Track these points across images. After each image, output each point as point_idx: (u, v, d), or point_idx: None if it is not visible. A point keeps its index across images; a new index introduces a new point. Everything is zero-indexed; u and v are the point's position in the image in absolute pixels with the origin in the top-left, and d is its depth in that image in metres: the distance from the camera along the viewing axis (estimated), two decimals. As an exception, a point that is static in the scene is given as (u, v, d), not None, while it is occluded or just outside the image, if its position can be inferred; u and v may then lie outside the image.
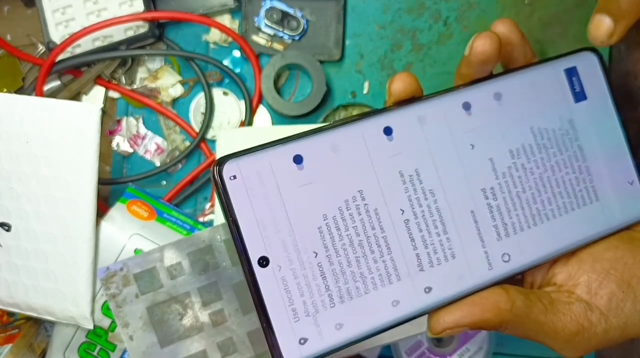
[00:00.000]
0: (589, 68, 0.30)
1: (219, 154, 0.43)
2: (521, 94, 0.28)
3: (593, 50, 0.30)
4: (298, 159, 0.25)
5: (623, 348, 0.43)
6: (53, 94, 0.47)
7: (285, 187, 0.25)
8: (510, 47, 0.28)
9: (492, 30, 0.28)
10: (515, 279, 0.29)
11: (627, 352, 0.44)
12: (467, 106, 0.28)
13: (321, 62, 0.46)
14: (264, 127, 0.47)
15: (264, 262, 0.25)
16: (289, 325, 0.25)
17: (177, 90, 0.48)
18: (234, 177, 0.25)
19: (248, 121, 0.47)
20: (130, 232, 0.41)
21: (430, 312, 0.27)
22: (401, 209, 0.26)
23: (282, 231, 0.25)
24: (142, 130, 0.48)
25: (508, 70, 0.29)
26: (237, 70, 0.48)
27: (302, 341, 0.25)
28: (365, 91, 0.47)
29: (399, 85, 0.27)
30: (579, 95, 0.29)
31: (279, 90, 0.47)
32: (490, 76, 0.29)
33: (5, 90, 0.47)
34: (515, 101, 0.28)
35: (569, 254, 0.29)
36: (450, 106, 0.27)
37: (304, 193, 0.25)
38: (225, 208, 0.25)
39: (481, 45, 0.27)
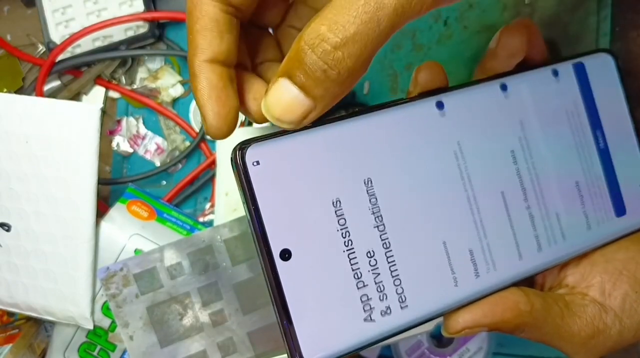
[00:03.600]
0: (604, 69, 0.29)
1: (219, 154, 0.43)
2: (533, 92, 0.28)
3: (609, 51, 0.30)
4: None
5: (624, 348, 0.43)
6: (53, 94, 0.47)
7: (313, 174, 0.24)
8: (530, 47, 0.28)
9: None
10: (525, 282, 0.29)
11: (628, 352, 0.44)
12: (504, 87, 0.27)
13: (321, 62, 0.46)
14: (264, 127, 0.47)
15: (286, 255, 0.23)
16: (311, 322, 0.23)
17: (177, 90, 0.48)
18: (257, 162, 0.23)
19: (248, 121, 0.47)
20: (130, 232, 0.41)
21: (450, 311, 0.26)
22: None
23: (308, 222, 0.23)
24: (142, 130, 0.48)
25: (522, 68, 0.29)
26: (237, 70, 0.48)
27: (323, 339, 0.24)
28: (365, 91, 0.47)
29: (427, 74, 0.26)
30: (592, 97, 0.29)
31: (279, 90, 0.47)
32: (510, 72, 0.28)
33: (5, 90, 0.47)
34: (526, 98, 0.28)
35: (580, 256, 0.29)
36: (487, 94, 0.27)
37: (332, 181, 0.24)
38: (247, 197, 0.23)
39: (510, 38, 0.27)
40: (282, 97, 0.21)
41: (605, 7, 0.46)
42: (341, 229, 0.24)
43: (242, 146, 0.23)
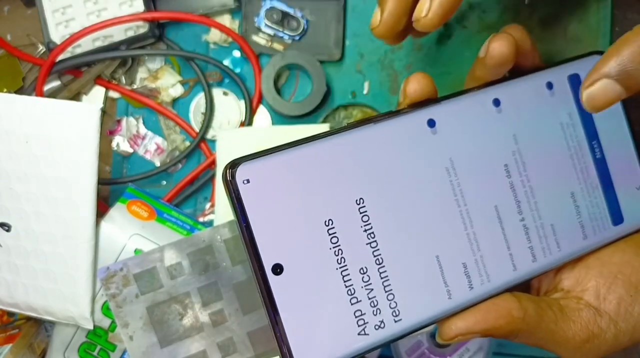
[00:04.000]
0: None
1: (219, 154, 0.43)
2: (527, 105, 0.28)
3: (602, 53, 0.29)
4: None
5: (624, 350, 0.43)
6: (53, 94, 0.47)
7: (302, 191, 0.24)
8: (520, 54, 0.28)
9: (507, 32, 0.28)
10: (521, 286, 0.29)
11: (628, 352, 0.44)
12: (497, 103, 0.27)
13: (321, 62, 0.46)
14: (264, 127, 0.47)
15: (278, 269, 0.24)
16: (304, 335, 0.24)
17: (177, 90, 0.48)
18: (248, 181, 0.23)
19: (248, 121, 0.47)
20: (130, 232, 0.41)
21: (443, 319, 0.26)
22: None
23: (300, 239, 0.24)
24: (142, 130, 0.48)
25: (514, 74, 0.29)
26: (237, 70, 0.48)
27: (317, 350, 0.24)
28: (365, 91, 0.47)
29: (415, 86, 0.27)
30: None
31: (279, 90, 0.47)
32: (503, 79, 0.28)
33: (5, 90, 0.47)
34: (519, 112, 0.28)
35: (576, 259, 0.29)
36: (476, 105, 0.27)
37: (322, 197, 0.24)
38: (238, 214, 0.23)
39: (498, 47, 0.27)
40: (607, 94, 0.23)
41: (605, 7, 0.46)
42: (334, 247, 0.24)
43: (233, 164, 0.23)
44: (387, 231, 0.25)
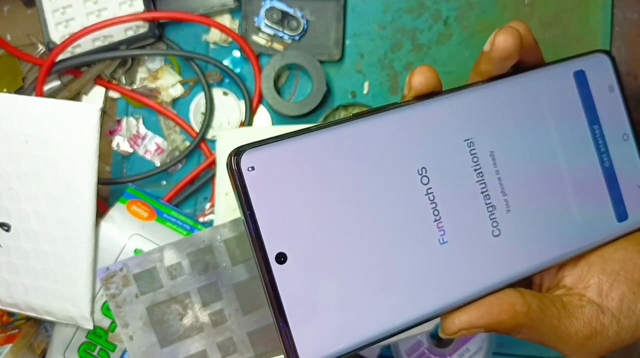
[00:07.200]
0: (601, 70, 0.29)
1: (219, 154, 0.43)
2: (531, 96, 0.28)
3: (606, 52, 0.29)
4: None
5: (624, 349, 0.43)
6: (53, 94, 0.47)
7: (307, 179, 0.24)
8: (523, 50, 0.28)
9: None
10: (523, 282, 0.29)
11: (628, 352, 0.44)
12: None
13: (321, 62, 0.46)
14: (264, 127, 0.47)
15: (282, 258, 0.23)
16: (307, 324, 0.24)
17: (177, 90, 0.48)
18: (252, 168, 0.23)
19: (248, 121, 0.47)
20: (130, 232, 0.41)
21: (446, 312, 0.26)
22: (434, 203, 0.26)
23: (304, 227, 0.24)
24: (142, 130, 0.48)
25: (517, 70, 0.29)
26: (237, 70, 0.48)
27: (320, 341, 0.24)
28: (365, 91, 0.47)
29: (420, 78, 0.26)
30: (589, 98, 0.29)
31: (279, 90, 0.47)
32: (507, 74, 0.28)
33: (5, 90, 0.47)
34: (525, 102, 0.28)
35: (578, 256, 0.29)
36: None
37: (327, 186, 0.24)
38: (242, 202, 0.23)
39: (503, 41, 0.26)
40: None
41: (605, 7, 0.46)
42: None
43: (237, 152, 0.23)
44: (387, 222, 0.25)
